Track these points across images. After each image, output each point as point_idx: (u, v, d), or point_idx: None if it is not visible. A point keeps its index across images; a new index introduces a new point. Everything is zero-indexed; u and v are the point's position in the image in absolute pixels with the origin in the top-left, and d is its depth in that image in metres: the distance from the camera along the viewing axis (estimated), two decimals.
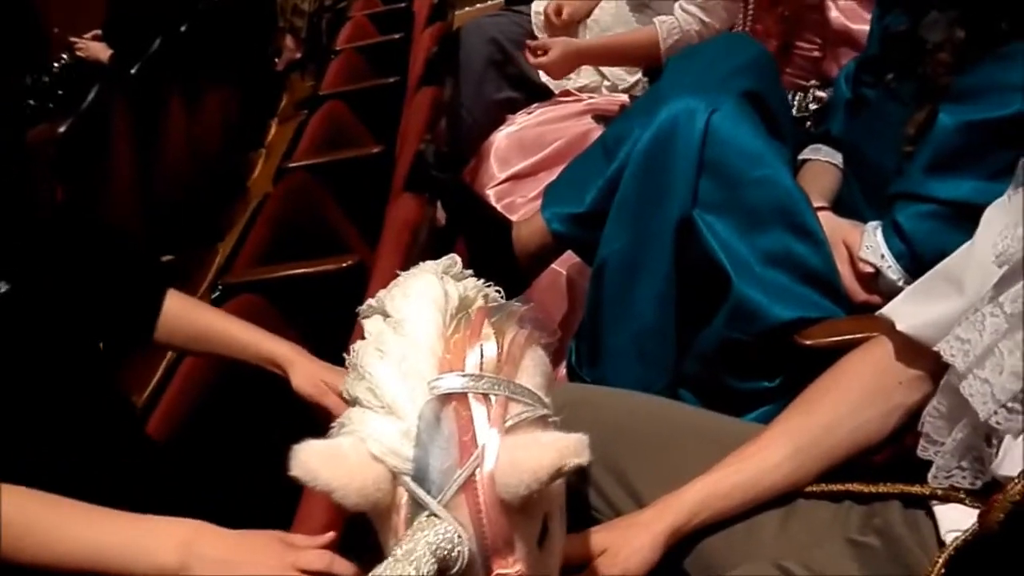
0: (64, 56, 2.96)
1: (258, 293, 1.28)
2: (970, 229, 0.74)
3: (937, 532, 0.68)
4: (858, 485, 0.74)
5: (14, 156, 0.83)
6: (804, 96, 1.43)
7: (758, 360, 1.04)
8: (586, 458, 0.51)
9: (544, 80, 1.90)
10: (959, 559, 0.64)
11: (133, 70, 2.48)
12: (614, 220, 1.07)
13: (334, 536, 0.67)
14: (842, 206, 1.14)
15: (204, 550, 0.64)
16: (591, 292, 1.13)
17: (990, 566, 0.64)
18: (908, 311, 0.75)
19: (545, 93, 1.86)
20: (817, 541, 0.72)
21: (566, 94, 1.83)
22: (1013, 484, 0.59)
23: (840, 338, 0.95)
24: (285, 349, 0.94)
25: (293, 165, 1.79)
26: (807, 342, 0.98)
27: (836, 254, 1.05)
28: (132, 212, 2.32)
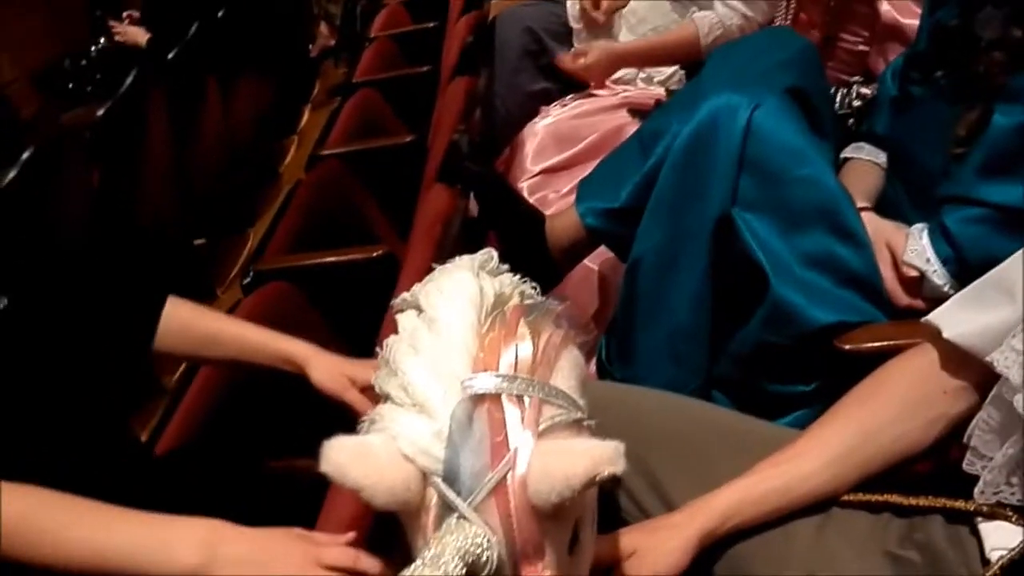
0: (103, 39, 3.00)
1: (288, 280, 1.28)
2: (1023, 236, 0.71)
3: (982, 550, 0.65)
4: (898, 496, 0.72)
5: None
6: (847, 92, 1.39)
7: (795, 363, 1.02)
8: (621, 467, 0.50)
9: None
10: None
11: (171, 55, 2.50)
12: (650, 216, 1.05)
13: (356, 535, 0.66)
14: (886, 207, 1.11)
15: (227, 548, 0.63)
16: (624, 289, 1.11)
17: None
18: (956, 318, 0.73)
19: (580, 85, 1.84)
20: (855, 553, 0.70)
21: (601, 86, 1.81)
22: None
23: (881, 344, 0.92)
24: (300, 346, 0.91)
25: (325, 153, 1.79)
26: (847, 347, 0.95)
27: (879, 257, 1.02)
28: (167, 197, 2.34)
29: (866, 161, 1.18)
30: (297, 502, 0.76)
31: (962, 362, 0.70)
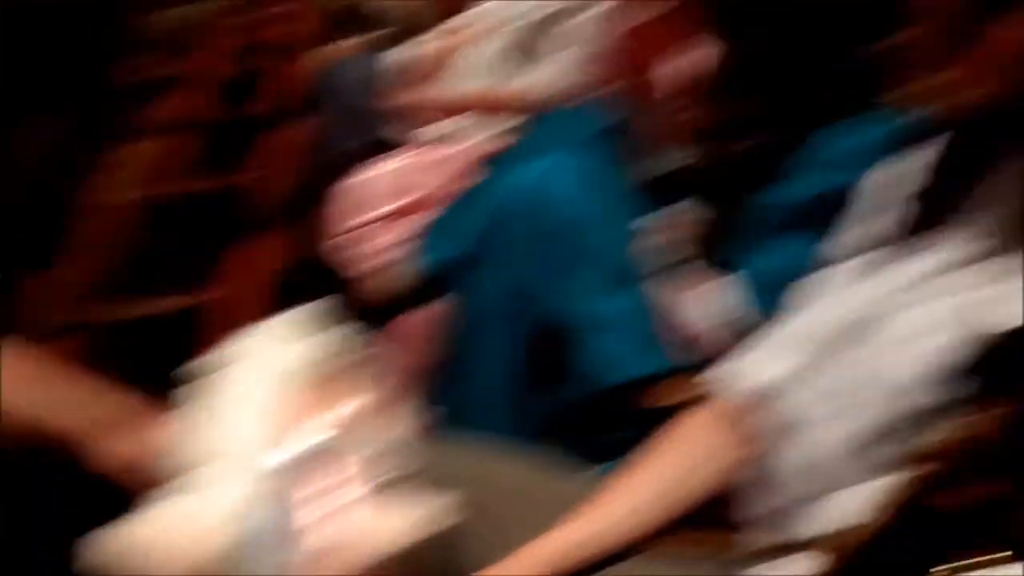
0: None
1: (89, 330, 1.16)
2: (813, 287, 0.79)
3: None
4: (708, 535, 0.76)
5: None
6: (669, 151, 1.49)
7: (609, 415, 1.06)
8: (448, 522, 0.49)
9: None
10: None
11: None
12: (476, 270, 1.07)
13: None
14: (704, 256, 1.19)
15: None
16: (451, 340, 1.12)
17: None
18: (752, 368, 0.79)
19: (411, 137, 1.84)
20: None
21: (433, 139, 1.82)
22: (847, 530, 0.62)
23: (688, 394, 0.98)
24: (79, 417, 0.79)
25: (137, 194, 1.67)
26: (656, 398, 1.01)
27: (686, 308, 1.09)
28: None
29: (684, 214, 1.27)
30: None
31: (758, 409, 0.76)
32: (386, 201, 1.63)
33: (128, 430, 0.80)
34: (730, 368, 0.79)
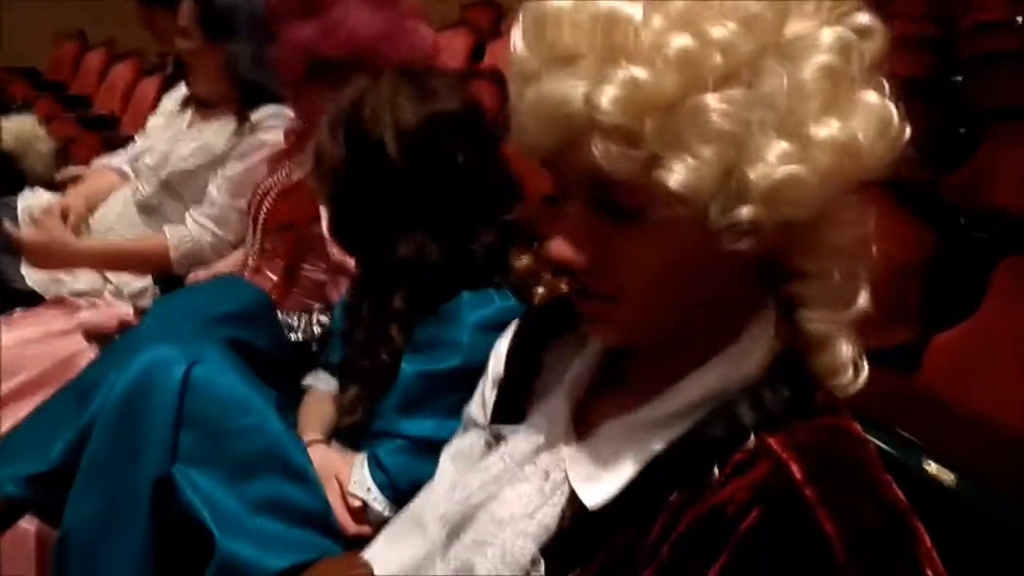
0: None
1: None
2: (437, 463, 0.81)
3: None
4: None
5: None
6: (309, 318, 1.49)
7: None
8: None
9: (32, 284, 1.67)
10: None
11: None
12: (82, 481, 0.96)
13: None
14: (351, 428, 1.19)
15: None
16: (55, 566, 0.97)
17: None
18: (382, 554, 0.79)
19: (32, 298, 1.63)
20: None
21: (59, 301, 1.63)
22: None
23: None
24: None
25: None
26: None
27: (328, 489, 1.08)
28: None
29: (322, 390, 1.27)
30: None
31: None
32: None
33: None
34: (373, 549, 0.78)
